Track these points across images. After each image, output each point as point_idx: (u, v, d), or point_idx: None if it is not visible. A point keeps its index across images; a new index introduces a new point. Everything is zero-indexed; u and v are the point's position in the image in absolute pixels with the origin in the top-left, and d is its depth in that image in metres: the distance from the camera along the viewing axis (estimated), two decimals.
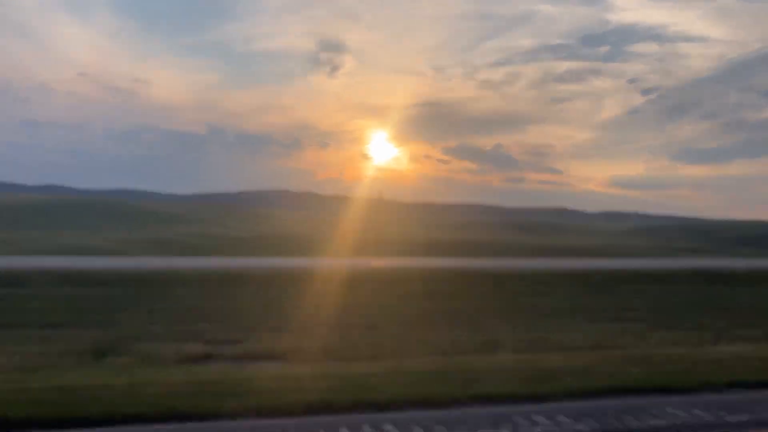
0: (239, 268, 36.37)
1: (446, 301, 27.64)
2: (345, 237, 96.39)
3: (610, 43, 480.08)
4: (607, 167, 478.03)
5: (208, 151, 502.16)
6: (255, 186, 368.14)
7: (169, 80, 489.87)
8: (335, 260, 45.38)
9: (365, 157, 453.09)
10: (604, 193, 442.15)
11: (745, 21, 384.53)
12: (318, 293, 28.67)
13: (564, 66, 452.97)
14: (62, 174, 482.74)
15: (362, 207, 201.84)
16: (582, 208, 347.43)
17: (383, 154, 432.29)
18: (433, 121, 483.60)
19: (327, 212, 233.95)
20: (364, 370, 12.64)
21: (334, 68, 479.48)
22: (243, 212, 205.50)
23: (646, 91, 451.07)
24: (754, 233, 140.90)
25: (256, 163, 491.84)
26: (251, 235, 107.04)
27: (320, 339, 17.43)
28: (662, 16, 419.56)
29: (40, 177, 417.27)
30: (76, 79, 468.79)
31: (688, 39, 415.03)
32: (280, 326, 19.87)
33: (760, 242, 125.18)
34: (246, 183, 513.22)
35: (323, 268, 37.69)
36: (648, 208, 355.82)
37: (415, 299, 27.67)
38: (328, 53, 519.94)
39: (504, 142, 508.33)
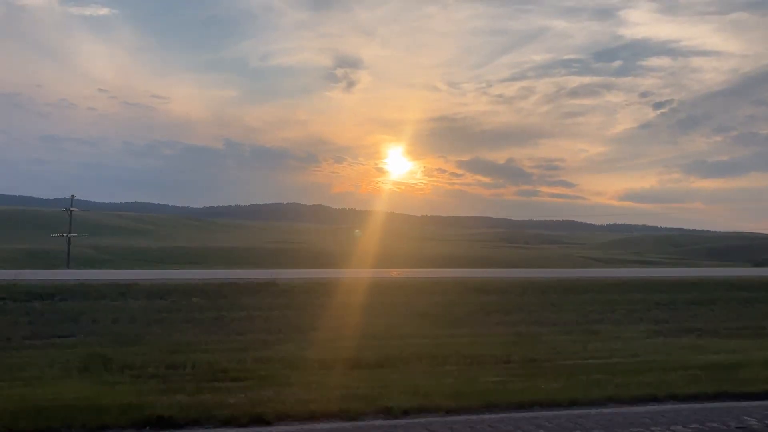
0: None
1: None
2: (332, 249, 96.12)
3: (622, 57, 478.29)
4: (620, 181, 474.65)
5: (225, 166, 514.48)
6: (270, 200, 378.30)
7: (188, 96, 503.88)
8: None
9: (380, 171, 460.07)
10: (616, 206, 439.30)
11: (759, 35, 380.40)
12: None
13: (577, 81, 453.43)
14: (79, 188, 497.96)
15: (375, 220, 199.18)
16: (590, 221, 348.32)
17: (398, 169, 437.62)
18: (447, 135, 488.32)
19: (338, 226, 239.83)
20: None
21: (351, 84, 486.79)
22: (232, 225, 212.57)
23: (658, 105, 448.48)
24: (728, 244, 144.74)
25: (272, 177, 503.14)
26: (206, 247, 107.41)
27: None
28: (675, 30, 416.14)
29: (58, 191, 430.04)
30: (96, 95, 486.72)
31: (702, 53, 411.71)
32: None
33: (728, 254, 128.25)
34: (262, 197, 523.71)
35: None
36: (661, 221, 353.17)
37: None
38: (344, 69, 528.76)
39: (517, 156, 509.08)
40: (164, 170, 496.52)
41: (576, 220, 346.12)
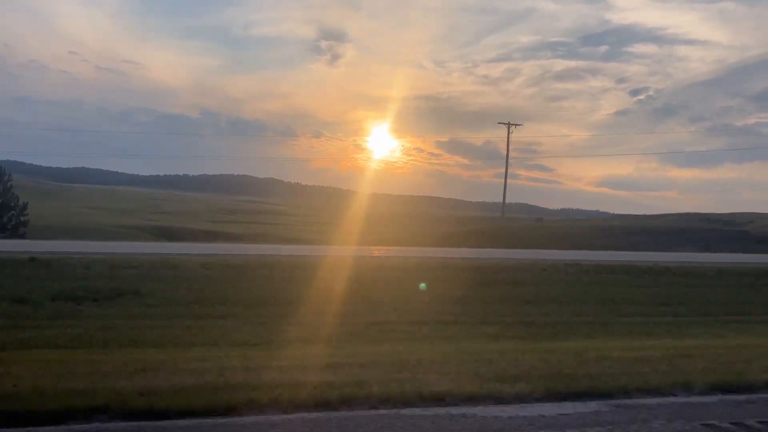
0: None
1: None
2: None
3: (609, 43, 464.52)
4: (598, 167, 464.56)
5: (196, 135, 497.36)
6: (242, 172, 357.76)
7: (166, 62, 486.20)
8: None
9: (359, 148, 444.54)
10: (592, 192, 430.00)
11: (745, 26, 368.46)
12: None
13: (562, 64, 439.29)
14: (49, 152, 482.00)
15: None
16: (545, 206, 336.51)
17: (379, 146, 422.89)
18: (430, 114, 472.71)
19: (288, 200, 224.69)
20: None
21: (335, 57, 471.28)
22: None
23: (635, 92, 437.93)
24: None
25: (242, 149, 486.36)
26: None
27: None
28: (663, 17, 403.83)
29: (22, 155, 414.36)
30: (67, 57, 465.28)
31: (688, 42, 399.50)
32: None
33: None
34: (234, 168, 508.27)
35: None
36: (636, 209, 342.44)
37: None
38: (328, 41, 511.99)
39: (497, 138, 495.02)
40: (136, 137, 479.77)
41: (528, 203, 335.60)
